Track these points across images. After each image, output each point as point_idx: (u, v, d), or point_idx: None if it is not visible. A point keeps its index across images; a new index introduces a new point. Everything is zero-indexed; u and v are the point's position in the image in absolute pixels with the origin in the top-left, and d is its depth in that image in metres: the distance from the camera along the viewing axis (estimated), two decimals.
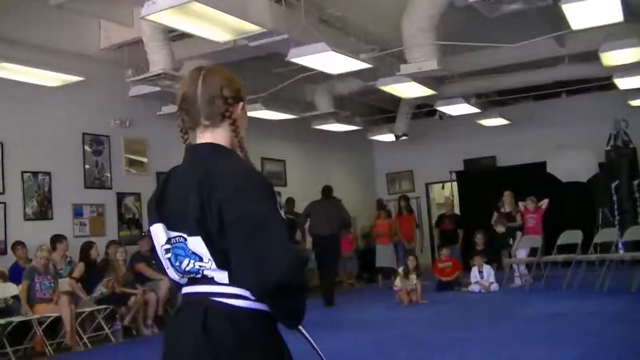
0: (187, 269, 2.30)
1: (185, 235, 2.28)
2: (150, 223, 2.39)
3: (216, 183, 2.24)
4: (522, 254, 13.92)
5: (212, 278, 2.27)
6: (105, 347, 10.02)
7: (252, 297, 2.23)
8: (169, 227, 2.33)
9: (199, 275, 2.29)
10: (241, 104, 2.52)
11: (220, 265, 2.24)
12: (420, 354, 8.04)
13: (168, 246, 2.33)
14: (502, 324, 9.75)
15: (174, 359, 2.37)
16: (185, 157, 2.50)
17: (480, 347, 8.10)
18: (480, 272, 13.89)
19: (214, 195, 2.21)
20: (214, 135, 2.44)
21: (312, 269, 14.33)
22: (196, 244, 2.25)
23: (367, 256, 16.78)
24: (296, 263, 2.22)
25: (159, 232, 2.35)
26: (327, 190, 14.33)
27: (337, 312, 12.25)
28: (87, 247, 10.92)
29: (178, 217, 2.30)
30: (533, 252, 13.63)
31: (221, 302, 2.25)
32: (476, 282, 13.77)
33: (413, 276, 12.64)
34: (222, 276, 2.26)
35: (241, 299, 2.24)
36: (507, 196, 14.74)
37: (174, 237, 2.32)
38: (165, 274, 2.40)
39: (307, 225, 14.02)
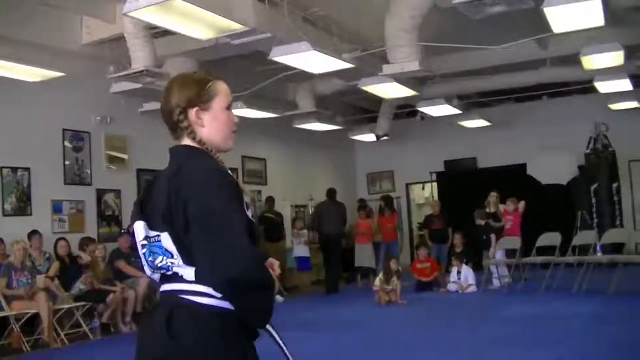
0: (159, 265, 2.36)
1: (159, 232, 2.36)
2: (133, 221, 2.47)
3: (183, 182, 2.34)
4: (499, 255, 13.99)
5: (182, 276, 2.32)
6: (84, 344, 9.98)
7: (218, 295, 2.26)
8: (150, 226, 2.40)
9: (170, 273, 2.35)
10: (195, 108, 2.52)
11: (187, 262, 2.30)
12: (398, 355, 8.06)
13: (145, 242, 2.40)
14: (480, 325, 9.79)
15: (142, 357, 2.40)
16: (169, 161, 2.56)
17: (458, 348, 8.13)
18: (459, 272, 13.94)
19: (181, 193, 2.31)
20: (188, 139, 2.55)
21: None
22: (167, 241, 2.33)
23: (346, 255, 16.77)
24: (254, 259, 2.24)
25: (138, 230, 2.42)
26: (332, 193, 16.09)
27: (315, 312, 12.25)
28: (55, 244, 10.85)
29: (153, 214, 2.39)
30: (512, 253, 13.68)
31: (188, 300, 2.30)
32: (454, 282, 13.81)
33: (394, 279, 12.67)
34: (190, 274, 2.30)
35: (206, 297, 2.28)
36: (493, 197, 14.78)
37: (153, 237, 2.38)
38: (143, 271, 2.46)
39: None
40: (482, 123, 17.80)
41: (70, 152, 12.04)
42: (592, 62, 11.80)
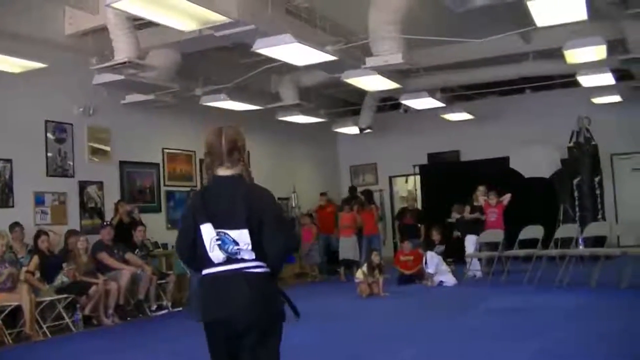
0: (229, 250, 3.68)
1: (228, 231, 3.66)
2: (200, 222, 3.71)
3: (255, 198, 3.75)
4: (470, 249, 14.13)
5: (244, 258, 3.68)
6: (66, 337, 9.95)
7: (264, 266, 3.72)
8: (215, 225, 3.67)
9: (238, 256, 3.68)
10: (246, 152, 3.88)
11: (252, 248, 3.66)
12: (380, 346, 8.07)
13: (217, 237, 3.68)
14: (463, 317, 9.83)
15: (233, 303, 3.70)
16: (214, 183, 3.84)
17: (440, 340, 8.16)
18: (426, 263, 14.02)
19: (255, 205, 3.70)
20: (233, 170, 3.81)
21: None
22: (241, 235, 3.65)
23: (329, 248, 16.81)
24: (297, 237, 5.15)
25: (208, 229, 3.69)
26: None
27: (297, 303, 12.24)
28: (35, 237, 10.77)
29: (223, 219, 3.68)
30: (494, 246, 13.74)
31: (249, 272, 3.70)
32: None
33: (376, 272, 12.69)
34: (251, 256, 3.68)
35: (260, 267, 3.72)
36: (480, 190, 14.83)
37: (221, 232, 3.67)
38: (206, 256, 3.71)
39: None
40: (465, 116, 17.84)
41: (53, 144, 11.98)
42: (575, 56, 11.82)
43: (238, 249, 3.66)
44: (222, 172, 3.79)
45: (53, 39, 11.19)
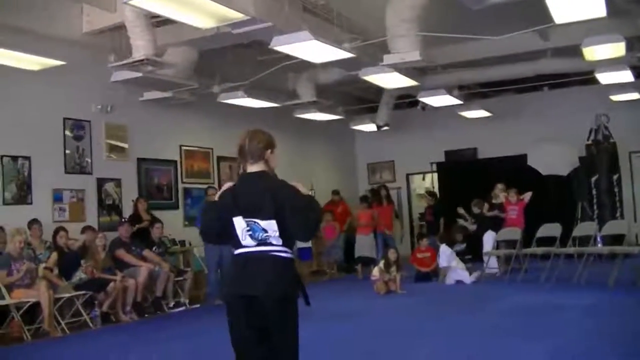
0: (259, 237, 4.10)
1: (258, 220, 4.08)
2: (232, 216, 4.13)
3: (280, 192, 4.12)
4: (488, 246, 14.08)
5: (272, 243, 4.10)
6: (84, 333, 9.98)
7: (290, 252, 4.17)
8: (245, 216, 4.10)
9: (266, 241, 4.09)
10: (268, 150, 4.29)
11: (280, 235, 4.08)
12: (396, 343, 8.06)
13: (248, 227, 4.11)
14: (479, 315, 9.79)
15: (258, 280, 4.10)
16: (242, 179, 4.28)
17: (456, 338, 8.13)
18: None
19: (281, 197, 4.08)
20: (257, 167, 4.25)
21: None
22: (270, 224, 4.07)
23: (347, 246, 16.79)
24: (319, 220, 4.45)
25: (239, 221, 4.12)
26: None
27: (313, 301, 12.25)
28: (54, 234, 10.83)
29: (253, 211, 4.08)
30: (512, 244, 13.70)
31: (276, 255, 4.12)
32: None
33: (393, 269, 12.67)
34: (278, 242, 4.10)
35: (285, 253, 4.14)
36: (499, 188, 14.78)
37: (251, 222, 4.09)
38: (239, 242, 4.16)
39: None
40: (482, 113, 17.78)
41: (71, 141, 12.04)
42: (593, 53, 11.76)
43: (267, 235, 4.09)
44: (250, 168, 4.25)
45: (71, 36, 11.23)
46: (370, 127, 18.60)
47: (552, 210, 15.14)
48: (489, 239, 14.31)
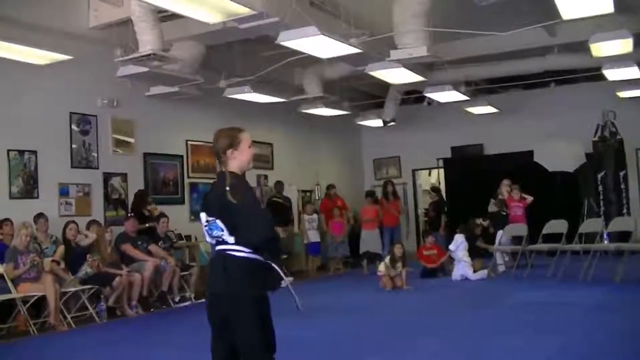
0: (214, 235, 4.20)
1: (215, 218, 4.17)
2: (200, 211, 4.35)
3: (229, 191, 4.10)
4: (505, 241, 14.04)
5: (227, 241, 4.15)
6: (90, 327, 10.00)
7: (246, 251, 4.11)
8: (208, 214, 4.23)
9: (221, 239, 4.17)
10: (229, 150, 4.29)
11: (230, 234, 4.12)
12: (401, 339, 8.05)
13: (207, 223, 4.23)
14: (485, 311, 9.80)
15: (211, 283, 4.32)
16: (216, 177, 4.36)
17: (462, 334, 8.13)
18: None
19: (228, 197, 4.08)
20: (223, 166, 4.31)
21: None
22: (220, 223, 4.14)
23: (352, 241, 16.78)
24: (271, 227, 4.29)
25: (202, 217, 4.28)
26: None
27: (319, 297, 12.27)
28: (64, 227, 10.85)
29: (211, 208, 4.22)
30: (518, 240, 13.68)
31: (231, 254, 4.14)
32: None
33: (399, 264, 12.66)
34: (232, 240, 4.13)
35: (240, 252, 4.12)
36: (505, 184, 14.77)
37: (211, 220, 4.20)
38: (206, 240, 4.34)
39: None
40: (489, 109, 17.77)
41: (77, 135, 12.05)
42: (601, 49, 11.74)
43: (222, 234, 4.17)
44: (219, 167, 4.37)
45: (77, 31, 11.25)
46: (377, 123, 18.58)
47: (559, 207, 15.11)
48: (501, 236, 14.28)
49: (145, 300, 11.16)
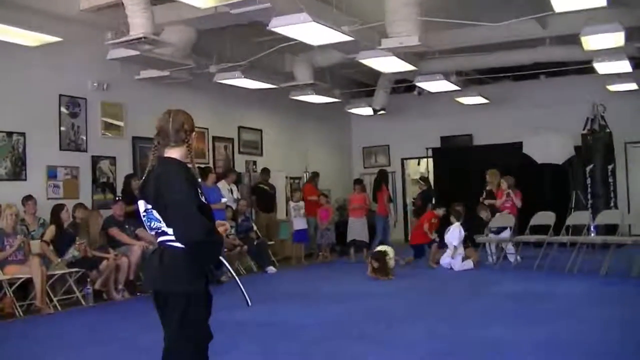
0: (153, 227, 4.00)
1: (152, 207, 3.95)
2: (138, 199, 4.08)
3: (162, 181, 3.91)
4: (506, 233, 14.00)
5: (166, 232, 3.92)
6: (75, 310, 9.99)
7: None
8: (147, 202, 3.98)
9: (160, 231, 3.97)
10: (194, 133, 4.16)
11: (168, 226, 3.89)
12: (388, 327, 8.07)
13: (144, 213, 4.01)
14: (472, 301, 9.84)
15: (148, 277, 4.41)
16: (158, 162, 4.08)
17: (448, 322, 8.15)
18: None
19: (161, 188, 3.88)
20: (175, 152, 4.07)
21: None
22: (156, 213, 3.93)
23: (340, 229, 16.78)
24: (203, 228, 3.80)
25: (140, 205, 4.03)
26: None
27: (305, 284, 12.28)
28: (58, 210, 10.79)
29: (149, 197, 3.96)
30: (502, 230, 13.73)
31: (169, 245, 3.92)
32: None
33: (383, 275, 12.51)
34: (170, 231, 3.88)
35: (178, 243, 3.85)
36: (490, 174, 14.76)
37: (149, 209, 3.98)
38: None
39: None
40: (479, 100, 17.77)
41: (66, 118, 12.00)
42: (592, 42, 11.74)
43: (160, 225, 3.94)
44: (166, 153, 4.09)
45: (68, 13, 11.18)
46: (367, 111, 18.57)
47: (547, 199, 15.16)
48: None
49: (131, 284, 11.14)
